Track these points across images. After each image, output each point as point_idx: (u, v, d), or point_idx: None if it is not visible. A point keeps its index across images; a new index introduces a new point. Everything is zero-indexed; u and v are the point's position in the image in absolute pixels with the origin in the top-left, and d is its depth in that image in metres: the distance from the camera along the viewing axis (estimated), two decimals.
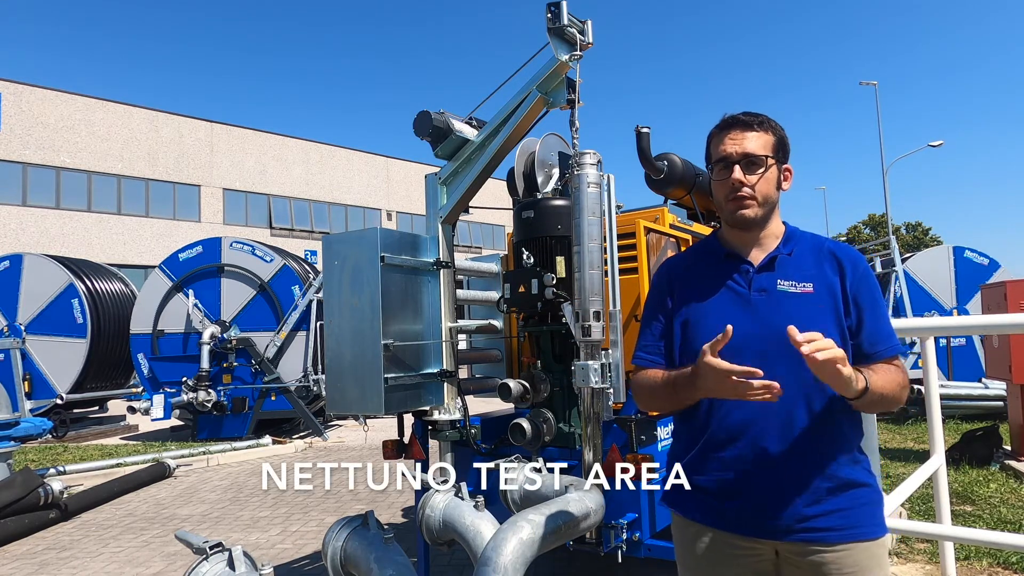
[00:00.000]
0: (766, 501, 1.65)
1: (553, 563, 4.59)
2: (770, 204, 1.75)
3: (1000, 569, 4.16)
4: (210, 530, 5.98)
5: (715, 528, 1.73)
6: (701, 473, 1.76)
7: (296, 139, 29.56)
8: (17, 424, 6.80)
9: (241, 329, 11.25)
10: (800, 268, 1.73)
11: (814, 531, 1.62)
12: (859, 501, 1.65)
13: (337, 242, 3.53)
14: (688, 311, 1.79)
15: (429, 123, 3.75)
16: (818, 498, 1.63)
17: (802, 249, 1.77)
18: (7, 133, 21.88)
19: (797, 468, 1.64)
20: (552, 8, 3.42)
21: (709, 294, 1.78)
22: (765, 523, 1.66)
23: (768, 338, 1.64)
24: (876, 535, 1.65)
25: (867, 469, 1.70)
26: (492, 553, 2.34)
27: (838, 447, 1.66)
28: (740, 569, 1.71)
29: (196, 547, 2.30)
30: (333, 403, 3.51)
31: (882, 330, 1.70)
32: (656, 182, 4.91)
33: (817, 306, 1.68)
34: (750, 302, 1.72)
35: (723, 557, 1.73)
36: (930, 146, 30.12)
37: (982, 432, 7.18)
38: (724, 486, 1.71)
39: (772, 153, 1.73)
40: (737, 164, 1.70)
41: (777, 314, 1.67)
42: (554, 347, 3.89)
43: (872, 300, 1.71)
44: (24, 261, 12.42)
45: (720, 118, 1.80)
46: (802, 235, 1.82)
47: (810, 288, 1.70)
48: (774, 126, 1.77)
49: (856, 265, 1.73)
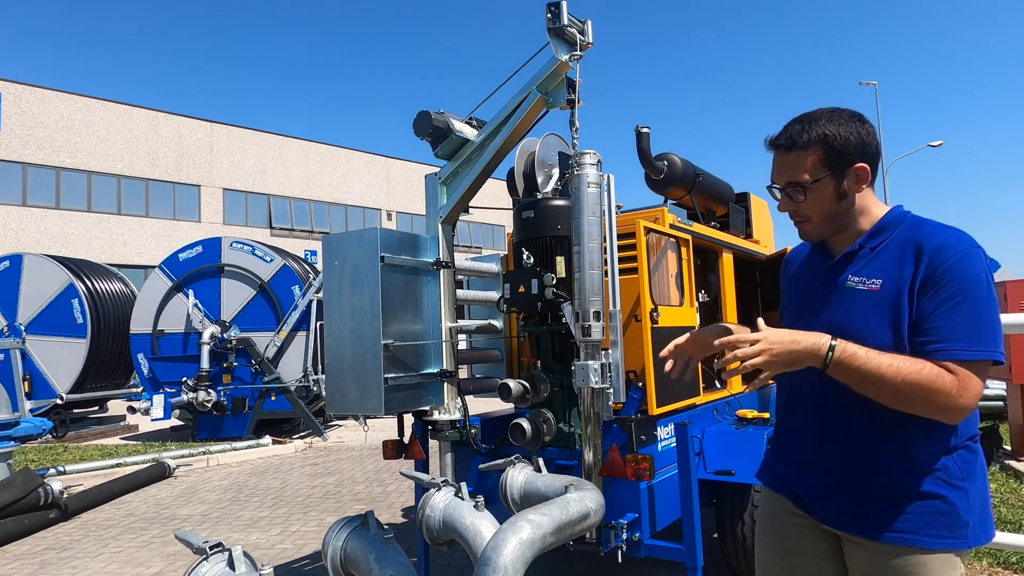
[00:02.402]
0: (816, 498, 1.73)
1: (553, 563, 4.59)
2: (830, 217, 1.68)
3: (1000, 569, 4.17)
4: (210, 530, 5.98)
5: (782, 495, 1.83)
6: (777, 460, 1.89)
7: (296, 139, 29.56)
8: (17, 424, 6.80)
9: (241, 329, 11.26)
10: (878, 264, 1.64)
11: (858, 527, 1.65)
12: (916, 510, 1.58)
13: (337, 242, 3.53)
14: (784, 302, 1.92)
15: (429, 123, 3.75)
16: (863, 500, 1.64)
17: (892, 242, 1.65)
18: (7, 133, 21.88)
19: (846, 471, 1.66)
20: (552, 8, 3.42)
21: (797, 287, 1.87)
22: (816, 514, 1.73)
23: (828, 334, 1.59)
24: (926, 545, 1.57)
25: (938, 478, 1.57)
26: (492, 553, 2.34)
27: (893, 453, 1.60)
28: (802, 539, 1.79)
29: (196, 547, 2.30)
30: (333, 403, 3.51)
31: (946, 328, 1.51)
32: (656, 182, 4.91)
33: (877, 305, 1.60)
34: (819, 297, 1.74)
35: (787, 525, 1.81)
36: (930, 146, 30.10)
37: (982, 432, 7.16)
38: (791, 476, 1.81)
39: (817, 171, 1.64)
40: (783, 191, 1.71)
41: (836, 310, 1.68)
42: (554, 347, 3.89)
43: (946, 293, 1.52)
44: (24, 261, 12.43)
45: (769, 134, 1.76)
46: (903, 223, 1.67)
47: (877, 286, 1.62)
48: (820, 137, 1.63)
49: (936, 254, 1.55)
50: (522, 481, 3.21)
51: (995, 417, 8.97)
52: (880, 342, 1.55)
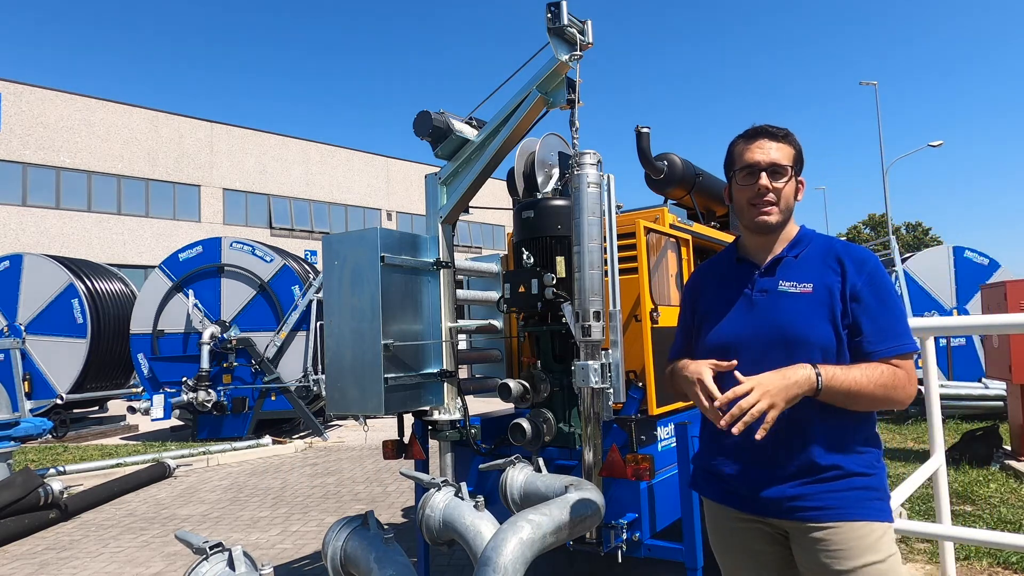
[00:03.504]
0: (759, 484, 1.78)
1: (553, 563, 4.59)
2: (789, 212, 1.84)
3: (1000, 569, 4.16)
4: (210, 530, 5.98)
5: (725, 505, 1.89)
6: (712, 457, 1.92)
7: (296, 139, 29.57)
8: (17, 424, 6.80)
9: (241, 329, 11.26)
10: (804, 270, 1.81)
11: (800, 510, 1.72)
12: (848, 486, 1.71)
13: (337, 242, 3.53)
14: (704, 312, 1.95)
15: (429, 123, 3.75)
16: (801, 481, 1.72)
17: (811, 252, 1.84)
18: (7, 133, 21.88)
19: (785, 455, 1.74)
20: (552, 8, 3.42)
21: (721, 296, 1.92)
22: (760, 503, 1.79)
23: (765, 336, 1.77)
24: (863, 517, 1.69)
25: (868, 461, 1.74)
26: (492, 553, 2.34)
27: (823, 436, 1.72)
28: (752, 542, 1.85)
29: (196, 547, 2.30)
30: (333, 403, 3.51)
31: (884, 329, 1.71)
32: (656, 182, 4.91)
33: (813, 305, 1.75)
34: (752, 303, 1.84)
35: (736, 532, 1.88)
36: (930, 146, 30.13)
37: (982, 432, 7.17)
38: (726, 469, 1.85)
39: (793, 164, 1.83)
40: (764, 172, 1.79)
41: (774, 312, 1.79)
42: (554, 347, 3.89)
43: (875, 300, 1.73)
44: (24, 261, 12.43)
45: (747, 127, 1.90)
46: (815, 238, 1.88)
47: (809, 288, 1.77)
48: (795, 140, 1.86)
49: (861, 265, 1.76)
50: (522, 481, 3.21)
51: (995, 417, 8.98)
52: (824, 338, 1.72)
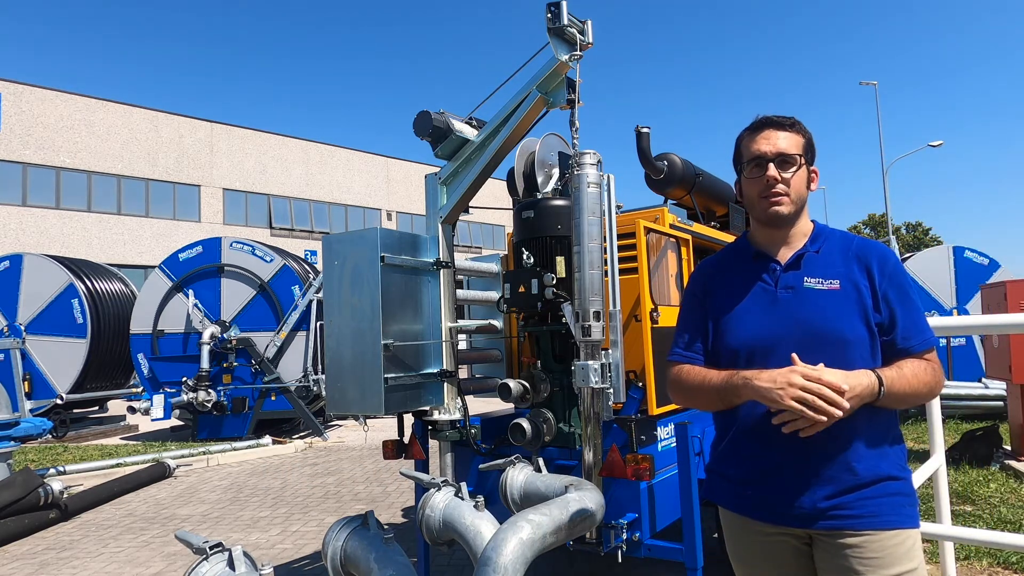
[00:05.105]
0: (788, 491, 1.69)
1: (553, 563, 4.59)
2: (801, 202, 1.79)
3: (1000, 569, 4.16)
4: (210, 530, 5.98)
5: (744, 515, 1.80)
6: (731, 463, 1.82)
7: (296, 139, 29.55)
8: (17, 424, 6.81)
9: (241, 329, 11.26)
10: (827, 265, 1.76)
11: (835, 518, 1.65)
12: (883, 492, 1.66)
13: (337, 242, 3.53)
14: (720, 311, 1.84)
15: (429, 123, 3.75)
16: (839, 490, 1.65)
17: (830, 247, 1.79)
18: (7, 133, 21.87)
19: (818, 460, 1.66)
20: (552, 8, 3.43)
21: (739, 293, 1.83)
22: (787, 512, 1.70)
23: (795, 335, 1.69)
24: (899, 525, 1.65)
25: (898, 463, 1.71)
26: (492, 553, 2.34)
27: (862, 441, 1.66)
28: (777, 554, 1.76)
29: (196, 547, 2.30)
30: (333, 403, 3.51)
31: (915, 324, 1.70)
32: (656, 182, 4.91)
33: (844, 302, 1.70)
34: (777, 300, 1.76)
35: (761, 544, 1.78)
36: (930, 146, 30.12)
37: (982, 432, 7.17)
38: (750, 476, 1.76)
39: (803, 153, 1.77)
40: (772, 162, 1.74)
41: (804, 310, 1.72)
42: (554, 347, 3.89)
43: (902, 295, 1.72)
44: (24, 261, 12.43)
45: (753, 119, 1.84)
46: (831, 233, 1.83)
47: (837, 285, 1.72)
48: (803, 129, 1.81)
49: (884, 261, 1.74)
50: (522, 481, 3.21)
51: (995, 417, 8.98)
52: (858, 335, 1.68)
